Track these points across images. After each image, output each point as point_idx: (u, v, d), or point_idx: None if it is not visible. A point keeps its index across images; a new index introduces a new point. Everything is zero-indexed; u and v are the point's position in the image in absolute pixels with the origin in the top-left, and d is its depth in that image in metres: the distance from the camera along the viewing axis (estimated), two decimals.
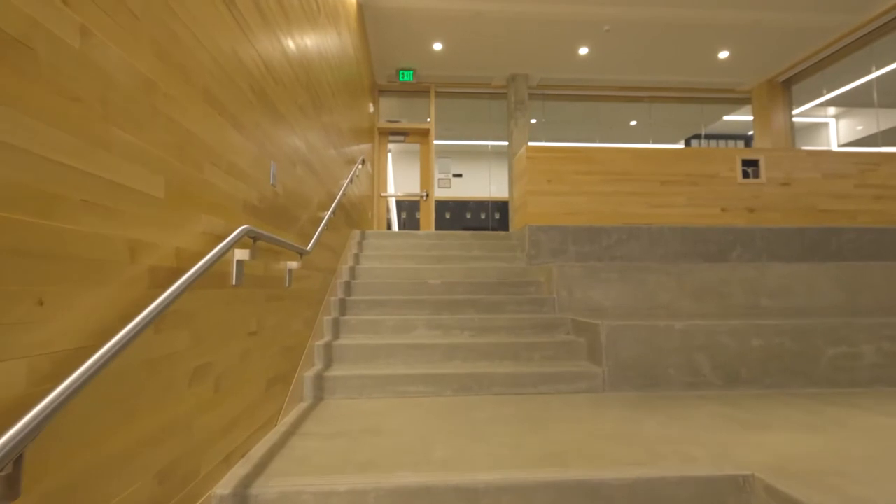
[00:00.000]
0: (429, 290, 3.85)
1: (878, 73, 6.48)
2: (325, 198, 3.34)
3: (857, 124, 8.97)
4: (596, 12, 5.91)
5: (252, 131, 1.81)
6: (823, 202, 4.83)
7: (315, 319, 3.03)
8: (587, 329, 2.98)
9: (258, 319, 1.87)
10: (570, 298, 3.67)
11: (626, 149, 4.75)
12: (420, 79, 7.81)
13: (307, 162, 2.77)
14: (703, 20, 6.04)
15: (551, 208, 4.62)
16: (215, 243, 1.45)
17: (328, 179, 3.49)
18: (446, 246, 4.76)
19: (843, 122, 9.25)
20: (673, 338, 2.77)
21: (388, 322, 3.27)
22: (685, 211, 4.72)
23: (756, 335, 2.80)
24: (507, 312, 3.59)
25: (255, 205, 1.84)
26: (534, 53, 6.99)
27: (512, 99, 7.65)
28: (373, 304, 3.55)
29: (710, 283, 3.72)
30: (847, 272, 3.80)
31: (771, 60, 7.24)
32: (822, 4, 5.72)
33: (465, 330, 3.28)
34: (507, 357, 2.99)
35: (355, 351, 2.93)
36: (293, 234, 2.41)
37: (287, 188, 2.32)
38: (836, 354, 2.82)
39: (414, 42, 6.72)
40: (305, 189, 2.72)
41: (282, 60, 2.24)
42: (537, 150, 4.68)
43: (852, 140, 8.99)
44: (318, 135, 3.10)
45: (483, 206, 9.45)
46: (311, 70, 2.93)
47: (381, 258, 4.41)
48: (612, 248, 4.60)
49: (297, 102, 2.54)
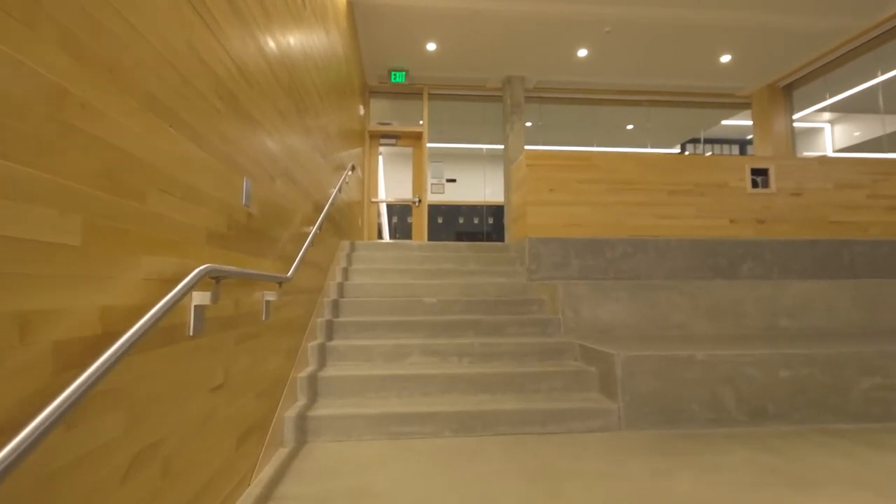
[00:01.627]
0: (423, 309, 3.56)
1: (883, 77, 6.33)
2: (310, 211, 3.04)
3: (854, 129, 8.86)
4: (597, 12, 5.67)
5: (218, 145, 1.52)
6: (835, 213, 4.63)
7: (299, 347, 2.73)
8: (599, 358, 2.71)
9: (226, 368, 1.57)
10: (577, 319, 3.40)
11: (631, 155, 4.51)
12: (413, 80, 7.52)
13: (289, 174, 2.47)
14: (706, 22, 5.82)
15: (552, 219, 4.36)
16: (164, 290, 1.15)
17: (314, 190, 3.19)
18: (440, 259, 4.48)
19: (838, 128, 9.14)
20: (694, 369, 2.52)
21: (379, 348, 2.97)
22: (693, 223, 4.48)
23: (784, 366, 2.56)
24: (508, 335, 3.32)
25: (222, 233, 1.54)
26: (531, 55, 6.74)
27: (508, 102, 7.39)
28: (362, 326, 3.25)
29: (724, 301, 3.49)
30: (865, 290, 3.58)
31: (773, 65, 7.06)
32: (829, 7, 5.53)
33: (464, 357, 3.00)
34: (510, 389, 2.71)
35: (343, 383, 2.64)
36: (272, 258, 2.11)
37: (265, 207, 2.02)
38: (871, 386, 2.58)
39: (406, 42, 6.43)
40: (287, 204, 2.42)
41: (258, 61, 1.94)
42: (537, 156, 4.41)
43: (849, 145, 8.87)
44: (302, 142, 2.80)
45: (477, 210, 9.19)
46: (295, 71, 2.64)
47: (372, 273, 4.11)
48: (617, 262, 4.35)
49: (278, 107, 2.25)
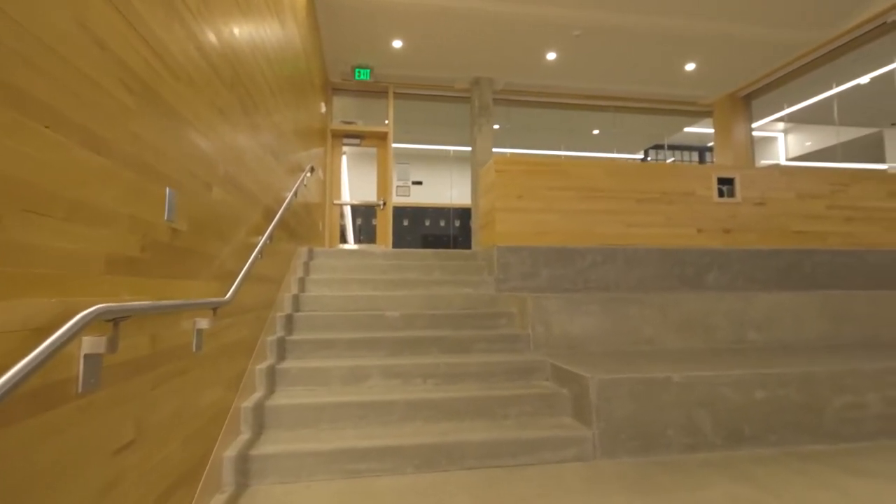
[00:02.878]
0: (385, 324, 3.32)
1: (838, 89, 6.53)
2: (259, 219, 2.75)
3: (806, 139, 9.21)
4: (567, 15, 5.57)
5: (127, 149, 1.24)
6: (797, 223, 4.69)
7: (244, 372, 2.44)
8: (572, 379, 2.55)
9: (139, 420, 1.29)
10: (547, 334, 3.25)
11: (600, 162, 4.41)
12: (378, 78, 7.24)
13: (231, 179, 2.18)
14: (673, 30, 5.83)
15: (521, 227, 4.20)
16: (32, 342, 0.88)
17: (265, 195, 2.90)
18: (405, 267, 4.25)
19: (791, 137, 9.48)
20: (671, 391, 2.39)
21: (335, 370, 2.71)
22: (661, 231, 4.43)
23: (760, 386, 2.47)
24: (476, 352, 3.13)
25: (133, 257, 1.27)
26: (500, 56, 6.59)
27: (476, 103, 7.22)
28: (318, 344, 2.98)
29: (694, 314, 3.41)
30: (831, 302, 3.59)
31: (735, 75, 7.19)
32: (790, 20, 5.63)
33: (429, 378, 2.78)
34: (478, 415, 2.51)
35: (294, 413, 2.37)
36: (207, 279, 1.83)
37: (197, 219, 1.74)
38: (842, 405, 2.53)
39: (371, 38, 6.15)
40: (229, 214, 2.14)
41: (189, 50, 1.66)
42: (507, 161, 4.25)
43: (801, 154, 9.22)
44: (249, 142, 2.51)
45: (443, 213, 8.99)
46: (241, 64, 2.35)
47: (331, 284, 3.83)
48: (586, 272, 4.24)
49: (217, 104, 1.96)
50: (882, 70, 6.22)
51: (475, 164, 7.28)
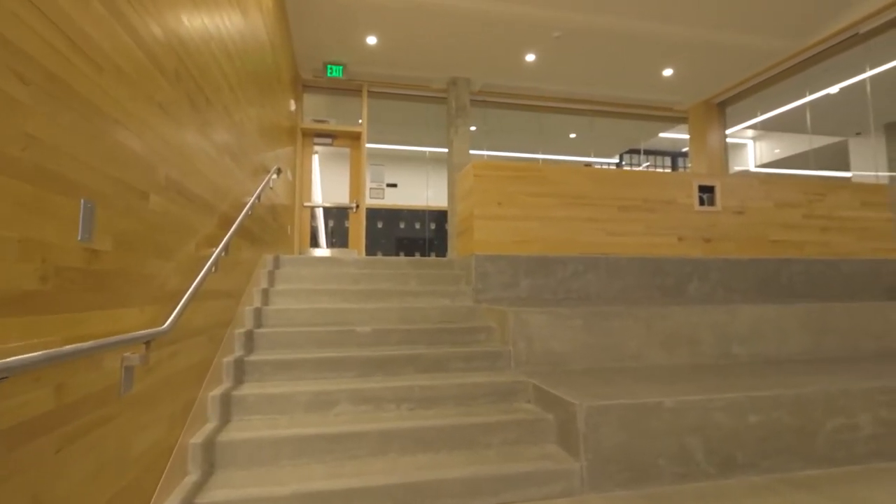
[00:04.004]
0: (356, 340, 3.08)
1: (811, 97, 6.62)
2: (214, 228, 2.47)
3: (774, 147, 9.40)
4: (546, 16, 5.43)
5: (16, 154, 0.98)
6: (775, 232, 4.66)
7: (194, 403, 2.16)
8: (557, 404, 2.37)
9: (35, 496, 1.03)
10: (529, 351, 3.06)
11: (582, 169, 4.28)
12: (351, 75, 6.95)
13: (176, 185, 1.91)
14: (653, 35, 5.76)
15: (501, 235, 4.02)
16: None
17: (221, 201, 2.62)
18: (378, 276, 4.00)
19: (759, 144, 9.67)
20: (662, 418, 2.24)
21: (299, 396, 2.46)
22: (642, 240, 4.32)
23: (753, 410, 2.34)
24: (453, 371, 2.91)
25: (27, 291, 1.00)
26: (478, 56, 6.40)
27: (453, 104, 7.02)
28: (281, 365, 2.72)
29: (680, 328, 3.29)
30: (813, 314, 3.54)
31: (710, 82, 7.21)
32: (768, 28, 5.64)
33: (403, 403, 2.56)
34: (457, 445, 2.30)
35: (250, 449, 2.11)
36: (141, 304, 1.56)
37: (127, 235, 1.47)
38: (835, 427, 2.43)
39: (344, 33, 5.87)
40: (172, 225, 1.86)
41: (117, 37, 1.39)
42: (485, 166, 4.06)
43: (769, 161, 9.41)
44: (201, 143, 2.23)
45: (419, 215, 8.78)
46: (191, 56, 2.07)
47: (298, 295, 3.56)
48: (567, 282, 4.08)
49: (156, 99, 1.69)
50: (851, 81, 6.33)
51: (451, 166, 7.08)
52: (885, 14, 5.09)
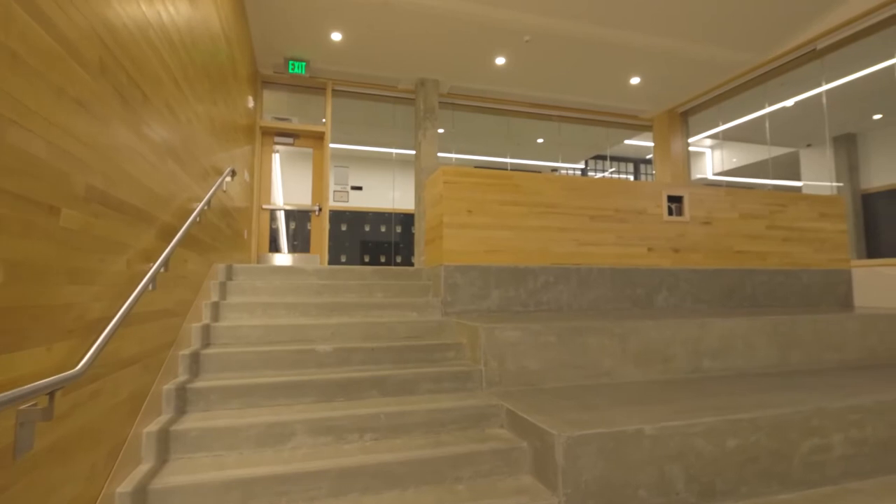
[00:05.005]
0: (316, 361, 2.83)
1: (770, 108, 6.81)
2: (152, 241, 2.18)
3: (731, 156, 9.71)
4: (516, 19, 5.31)
5: None
6: (739, 243, 4.71)
7: (124, 443, 1.88)
8: (533, 433, 2.22)
9: None
10: (501, 369, 2.91)
11: (554, 177, 4.18)
12: (314, 73, 6.65)
13: (101, 195, 1.64)
14: (622, 43, 5.76)
15: (471, 245, 3.86)
16: None
17: (162, 209, 2.33)
18: (341, 288, 3.76)
19: (717, 154, 9.97)
20: (643, 447, 2.12)
21: (250, 429, 2.20)
22: (613, 250, 4.26)
23: (732, 434, 2.26)
24: (422, 394, 2.72)
25: None
26: (447, 58, 6.23)
27: (421, 106, 6.82)
28: (230, 392, 2.45)
29: (653, 343, 3.22)
30: (779, 327, 3.55)
31: (675, 92, 7.32)
32: (732, 40, 5.74)
33: (367, 433, 2.34)
34: (426, 480, 2.11)
35: (189, 496, 1.84)
36: (48, 342, 1.29)
37: (26, 262, 1.20)
38: (810, 448, 2.39)
39: (308, 28, 5.58)
40: (94, 243, 1.59)
41: (12, 15, 1.13)
42: (455, 173, 3.89)
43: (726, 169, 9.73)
44: (136, 144, 1.95)
45: (384, 218, 8.53)
46: (121, 45, 1.80)
47: (252, 309, 3.28)
48: (538, 293, 3.97)
49: (70, 94, 1.42)
50: (806, 94, 6.55)
51: (419, 169, 6.88)
52: (842, 31, 5.25)
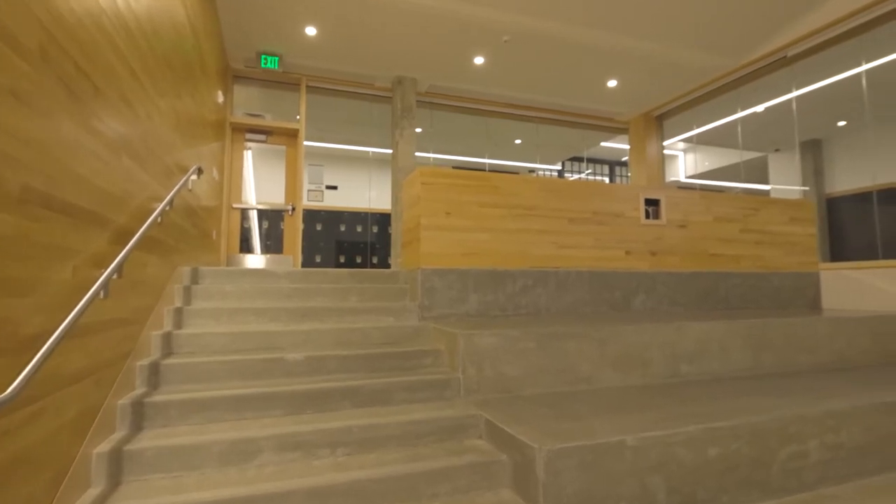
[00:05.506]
0: (285, 370, 2.70)
1: (742, 113, 6.94)
2: (103, 245, 2.02)
3: (704, 159, 9.92)
4: (497, 18, 5.25)
5: None
6: (714, 246, 4.76)
7: (69, 467, 1.72)
8: (513, 445, 2.15)
9: None
10: (480, 377, 2.83)
11: (534, 179, 4.13)
12: (288, 68, 6.45)
13: (41, 197, 1.48)
14: (600, 45, 5.76)
15: (449, 247, 3.77)
16: None
17: (116, 211, 2.16)
18: (314, 291, 3.62)
19: (689, 157, 10.17)
20: (625, 458, 2.07)
21: (212, 446, 2.06)
22: (591, 253, 4.24)
23: (713, 443, 2.24)
24: (397, 405, 2.62)
25: None
26: (425, 56, 6.13)
27: (398, 105, 6.70)
28: (192, 405, 2.29)
29: (631, 348, 3.19)
30: (753, 330, 3.58)
31: (651, 95, 7.39)
32: (707, 45, 5.81)
33: (339, 448, 2.23)
34: (402, 498, 2.01)
35: None
36: None
37: None
38: (788, 455, 2.39)
39: (281, 21, 5.39)
40: (32, 250, 1.44)
41: None
42: (433, 174, 3.79)
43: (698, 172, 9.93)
44: (86, 140, 1.79)
45: (360, 218, 8.36)
46: (70, 31, 1.64)
47: (219, 315, 3.11)
48: (516, 297, 3.91)
49: (3, 84, 1.27)
50: (776, 101, 6.70)
51: (396, 168, 6.76)
52: (812, 39, 5.37)
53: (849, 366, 3.80)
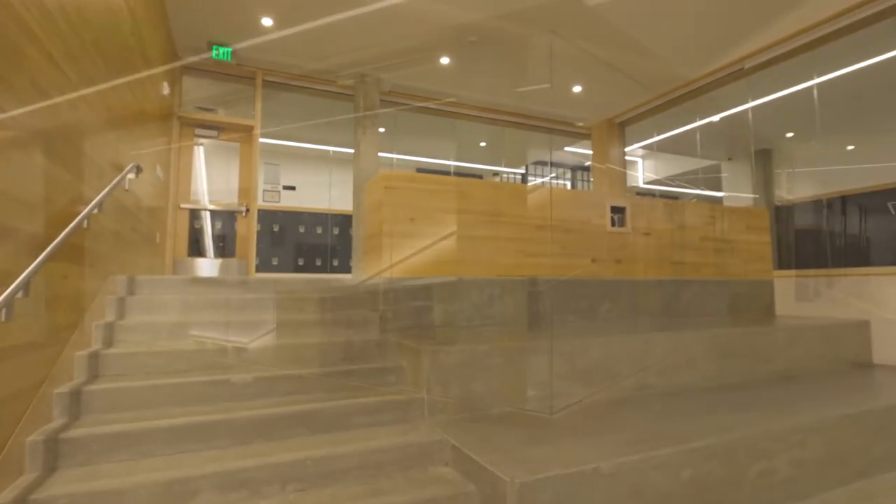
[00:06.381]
0: (231, 394, 2.44)
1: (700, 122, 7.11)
2: (6, 259, 1.72)
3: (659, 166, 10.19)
4: (463, 17, 5.10)
5: None
6: (676, 254, 4.79)
7: None
8: (482, 474, 1.99)
9: None
10: (445, 395, 2.66)
11: (502, 185, 4.02)
12: (242, 60, 6.07)
13: None
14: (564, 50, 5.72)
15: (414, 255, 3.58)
16: None
17: (28, 219, 1.86)
18: (267, 302, 3.34)
19: (647, 163, 10.42)
20: (600, 487, 1.96)
21: (140, 489, 1.79)
22: (558, 261, 4.16)
23: (687, 464, 2.16)
24: (356, 430, 2.41)
25: None
26: (389, 53, 5.91)
27: (361, 103, 6.44)
28: (119, 439, 2.01)
29: (600, 361, 3.11)
30: (717, 340, 3.59)
31: (614, 102, 7.46)
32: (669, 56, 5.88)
33: (290, 483, 2.00)
34: None
35: None
36: None
37: None
38: (758, 472, 2.35)
39: (234, 9, 5.04)
40: None
41: None
42: (397, 178, 3.60)
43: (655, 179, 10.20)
44: None
45: (320, 219, 8.02)
46: None
47: (156, 331, 2.80)
48: (483, 307, 3.77)
49: None
50: (731, 111, 6.91)
51: (358, 169, 6.50)
52: (767, 52, 5.52)
53: (807, 372, 3.87)
